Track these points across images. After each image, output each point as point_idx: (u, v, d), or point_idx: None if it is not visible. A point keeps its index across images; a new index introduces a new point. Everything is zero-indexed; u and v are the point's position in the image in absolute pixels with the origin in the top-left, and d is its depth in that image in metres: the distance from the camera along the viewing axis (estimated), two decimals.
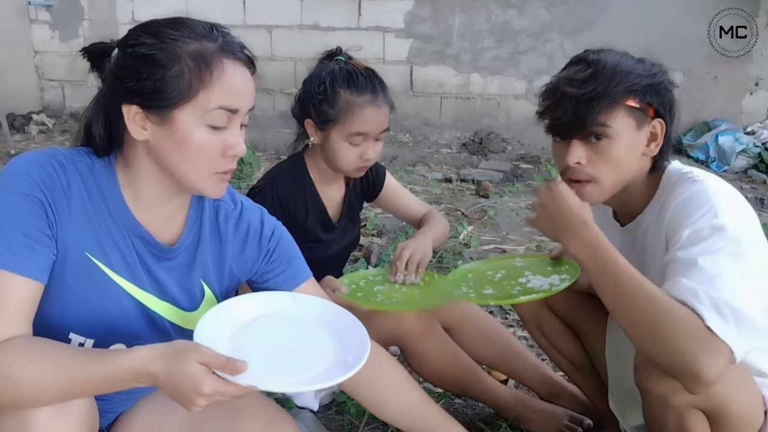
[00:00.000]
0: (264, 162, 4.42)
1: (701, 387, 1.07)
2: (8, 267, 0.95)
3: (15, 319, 0.95)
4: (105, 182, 1.06)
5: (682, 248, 1.16)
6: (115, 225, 1.07)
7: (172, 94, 0.98)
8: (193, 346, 0.92)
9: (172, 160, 1.03)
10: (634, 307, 1.12)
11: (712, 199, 1.19)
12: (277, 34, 5.71)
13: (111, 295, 1.07)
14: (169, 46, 0.99)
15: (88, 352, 0.97)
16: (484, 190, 4.13)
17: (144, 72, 0.98)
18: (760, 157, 4.73)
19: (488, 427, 1.77)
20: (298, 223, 1.71)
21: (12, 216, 0.96)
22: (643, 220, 1.36)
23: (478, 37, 5.43)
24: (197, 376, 0.89)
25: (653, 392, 1.18)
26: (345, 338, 1.09)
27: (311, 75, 1.70)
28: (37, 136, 5.53)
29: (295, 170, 1.75)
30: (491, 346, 1.80)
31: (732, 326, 1.05)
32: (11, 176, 0.99)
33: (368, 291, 1.67)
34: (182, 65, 0.98)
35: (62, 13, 6.05)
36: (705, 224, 1.16)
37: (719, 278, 1.09)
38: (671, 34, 4.90)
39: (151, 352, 0.92)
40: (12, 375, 0.90)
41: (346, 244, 1.87)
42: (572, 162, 1.30)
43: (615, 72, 1.25)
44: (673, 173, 1.32)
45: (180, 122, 0.99)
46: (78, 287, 1.03)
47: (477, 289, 1.58)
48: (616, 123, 1.25)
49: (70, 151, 1.06)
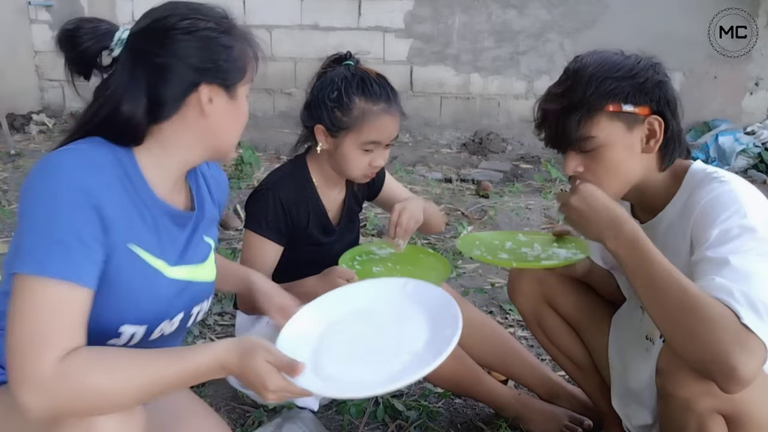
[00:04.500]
0: (264, 162, 4.42)
1: (735, 385, 1.05)
2: (71, 278, 0.95)
3: (77, 330, 0.95)
4: (131, 170, 1.08)
5: (712, 247, 1.16)
6: (147, 209, 1.10)
7: (235, 71, 1.11)
8: (263, 345, 1.00)
9: (225, 129, 1.14)
10: (671, 301, 1.11)
11: (740, 199, 1.19)
12: (277, 34, 5.71)
13: (153, 280, 1.11)
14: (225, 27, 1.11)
15: (161, 352, 0.99)
16: (484, 190, 4.13)
17: (213, 52, 1.08)
18: (760, 157, 4.73)
19: (488, 427, 1.77)
20: (300, 227, 1.71)
21: (69, 225, 0.96)
22: (665, 217, 1.35)
23: (478, 37, 5.43)
24: (264, 373, 0.98)
25: (676, 396, 1.16)
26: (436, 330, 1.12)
27: (322, 81, 1.67)
28: (37, 136, 5.53)
29: (297, 174, 1.74)
30: (490, 347, 1.80)
31: (767, 324, 1.05)
32: (58, 184, 0.98)
33: (369, 274, 1.63)
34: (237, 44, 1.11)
35: (62, 13, 6.04)
36: (734, 224, 1.16)
37: (753, 277, 1.08)
38: (671, 34, 4.89)
39: (227, 346, 1.00)
40: (91, 385, 0.92)
41: (346, 245, 1.87)
42: (569, 172, 1.33)
43: (590, 81, 1.25)
44: (698, 172, 1.32)
45: (241, 96, 1.14)
46: (127, 280, 1.06)
47: (492, 254, 1.57)
48: (600, 131, 1.26)
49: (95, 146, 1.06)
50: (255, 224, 1.68)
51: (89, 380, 0.91)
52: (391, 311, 1.20)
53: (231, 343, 1.01)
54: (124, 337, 1.08)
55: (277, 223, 1.67)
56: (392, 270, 1.68)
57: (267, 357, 0.98)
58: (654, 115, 1.28)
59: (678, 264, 1.20)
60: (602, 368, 1.62)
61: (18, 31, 6.04)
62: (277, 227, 1.67)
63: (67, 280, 0.94)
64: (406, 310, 1.18)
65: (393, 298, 1.22)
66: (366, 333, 1.17)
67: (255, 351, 0.98)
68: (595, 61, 1.29)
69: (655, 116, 1.28)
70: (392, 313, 1.19)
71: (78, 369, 0.91)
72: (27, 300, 0.93)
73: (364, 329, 1.18)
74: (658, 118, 1.28)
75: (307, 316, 1.20)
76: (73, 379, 0.91)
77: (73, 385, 0.91)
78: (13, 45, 5.97)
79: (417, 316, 1.16)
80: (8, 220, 3.49)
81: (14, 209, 3.68)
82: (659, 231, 1.36)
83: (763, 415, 1.16)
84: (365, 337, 1.15)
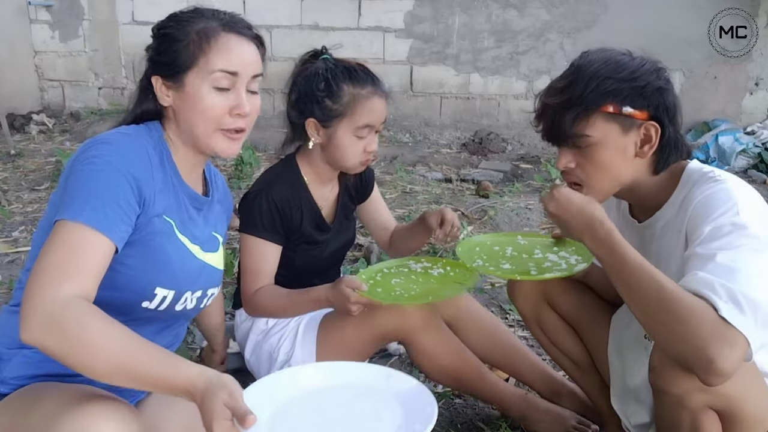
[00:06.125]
0: (264, 162, 4.42)
1: (715, 377, 1.06)
2: (100, 227, 1.06)
3: (93, 276, 1.04)
4: (165, 152, 1.25)
5: (702, 244, 1.17)
6: (174, 188, 1.26)
7: (181, 61, 1.20)
8: (229, 387, 0.96)
9: (188, 119, 1.22)
10: (648, 299, 1.13)
11: (734, 197, 1.20)
12: (277, 34, 5.71)
13: (182, 251, 1.26)
14: (182, 25, 1.22)
15: (154, 347, 1.01)
16: (484, 190, 4.13)
17: (163, 47, 1.22)
18: (760, 157, 4.73)
19: (488, 427, 1.77)
20: (294, 226, 1.71)
21: (111, 189, 1.09)
22: (661, 216, 1.36)
23: (478, 37, 5.43)
24: (217, 413, 0.94)
25: (669, 392, 1.17)
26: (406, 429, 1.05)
27: (306, 76, 1.68)
28: (37, 136, 5.53)
29: (289, 173, 1.74)
30: (492, 343, 1.80)
31: (749, 317, 1.05)
32: (112, 155, 1.13)
33: (386, 285, 1.65)
34: (189, 39, 1.21)
35: (62, 13, 6.05)
36: (726, 221, 1.17)
37: (738, 272, 1.09)
38: (671, 34, 4.90)
39: (200, 374, 0.98)
40: (81, 332, 0.96)
41: (342, 243, 1.87)
42: (560, 167, 1.34)
43: (591, 79, 1.26)
44: (694, 171, 1.32)
45: (190, 85, 1.20)
46: (163, 246, 1.20)
47: (494, 264, 1.56)
48: (595, 130, 1.27)
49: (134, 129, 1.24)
50: (251, 227, 1.67)
51: (82, 326, 0.97)
52: (368, 397, 1.14)
53: (203, 373, 0.98)
54: (157, 299, 1.20)
55: (273, 224, 1.67)
56: (413, 281, 1.67)
57: (226, 401, 0.94)
58: (651, 120, 1.28)
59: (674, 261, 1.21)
60: (601, 368, 1.62)
61: (18, 31, 6.05)
62: (273, 227, 1.67)
63: (98, 230, 1.05)
64: (382, 400, 1.12)
65: (373, 384, 1.16)
66: (333, 411, 1.11)
67: (218, 391, 0.95)
68: (600, 59, 1.30)
69: (652, 122, 1.28)
70: (368, 399, 1.14)
71: (81, 312, 0.98)
72: (58, 237, 1.04)
73: (333, 407, 1.12)
74: (655, 124, 1.28)
75: (283, 378, 1.16)
76: (70, 317, 0.97)
77: (69, 322, 0.97)
78: (13, 45, 5.98)
79: (392, 408, 1.10)
80: (8, 220, 3.49)
81: (14, 209, 3.69)
82: (656, 230, 1.37)
83: (755, 410, 1.17)
84: (330, 415, 1.10)
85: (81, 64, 6.17)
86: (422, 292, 1.62)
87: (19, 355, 1.17)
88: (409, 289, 1.63)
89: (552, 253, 1.55)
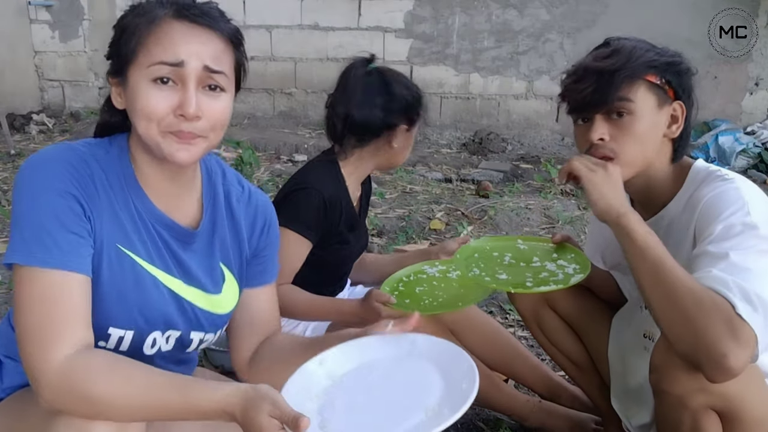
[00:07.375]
0: (264, 162, 4.42)
1: (723, 373, 1.06)
2: (64, 266, 0.95)
3: (80, 320, 0.96)
4: (123, 170, 1.07)
5: (714, 242, 1.17)
6: (138, 213, 1.08)
7: (122, 56, 1.03)
8: (271, 397, 0.91)
9: (134, 122, 1.04)
10: (669, 290, 1.13)
11: (744, 197, 1.21)
12: (277, 34, 5.71)
13: (146, 285, 1.08)
14: (134, 16, 1.04)
15: (173, 379, 0.96)
16: (484, 190, 4.13)
17: (113, 40, 1.06)
18: (760, 157, 4.73)
19: (488, 427, 1.76)
20: (333, 225, 1.70)
21: (54, 215, 0.97)
22: (667, 214, 1.36)
23: (478, 37, 5.43)
24: (265, 429, 0.89)
25: (670, 393, 1.18)
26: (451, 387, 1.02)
27: (388, 84, 1.71)
28: (37, 136, 5.53)
29: (335, 172, 1.74)
30: (492, 346, 1.80)
31: (761, 317, 1.06)
32: (38, 175, 0.99)
33: (412, 295, 1.62)
34: (131, 31, 1.03)
35: (62, 13, 6.05)
36: (737, 221, 1.17)
37: (750, 272, 1.10)
38: (671, 34, 4.88)
39: (233, 392, 0.93)
40: (90, 391, 0.91)
41: (362, 245, 1.89)
42: (595, 138, 1.30)
43: (635, 49, 1.29)
44: (701, 170, 1.33)
45: (130, 81, 1.03)
46: (114, 280, 1.04)
47: (490, 274, 1.54)
48: (638, 98, 1.28)
49: (85, 142, 1.08)
50: (295, 222, 1.62)
51: (90, 386, 0.92)
52: (401, 367, 1.11)
53: (236, 390, 0.93)
54: (112, 340, 1.06)
55: (317, 222, 1.66)
56: (436, 287, 1.65)
57: (272, 411, 0.89)
58: (678, 101, 1.30)
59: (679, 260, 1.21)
60: (602, 368, 1.62)
61: (18, 31, 6.04)
62: (317, 226, 1.66)
63: (60, 269, 0.95)
64: (416, 366, 1.10)
65: (402, 354, 1.13)
66: (375, 389, 1.07)
67: (260, 404, 0.90)
68: (632, 39, 1.33)
69: (679, 102, 1.30)
70: (402, 369, 1.10)
71: (81, 372, 0.92)
72: (26, 293, 0.95)
73: (373, 385, 1.08)
74: (682, 105, 1.31)
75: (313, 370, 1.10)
76: (74, 381, 0.92)
77: (75, 387, 0.92)
78: (13, 45, 5.98)
79: (429, 371, 1.07)
80: (8, 220, 3.48)
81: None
82: (661, 228, 1.36)
83: (756, 411, 1.17)
84: (374, 394, 1.06)
85: (81, 64, 6.17)
86: (450, 299, 1.60)
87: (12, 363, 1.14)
88: (435, 296, 1.60)
89: (550, 261, 1.52)
